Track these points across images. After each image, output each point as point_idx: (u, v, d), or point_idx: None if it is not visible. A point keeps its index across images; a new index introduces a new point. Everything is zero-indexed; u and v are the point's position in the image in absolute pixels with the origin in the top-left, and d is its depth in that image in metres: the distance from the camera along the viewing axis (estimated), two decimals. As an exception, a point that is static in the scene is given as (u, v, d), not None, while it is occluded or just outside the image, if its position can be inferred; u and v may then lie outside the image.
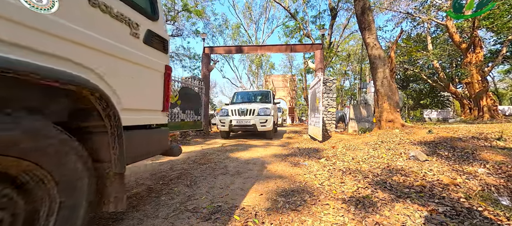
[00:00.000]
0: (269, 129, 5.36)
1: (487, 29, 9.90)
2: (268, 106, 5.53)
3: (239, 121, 5.36)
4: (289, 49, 8.29)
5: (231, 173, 2.29)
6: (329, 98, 5.83)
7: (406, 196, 1.58)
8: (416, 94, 16.27)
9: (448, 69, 14.53)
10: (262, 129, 5.30)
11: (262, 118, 5.28)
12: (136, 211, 1.39)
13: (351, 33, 19.28)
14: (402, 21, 12.57)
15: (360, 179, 1.99)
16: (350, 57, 23.73)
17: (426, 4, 10.99)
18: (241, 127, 5.43)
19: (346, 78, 29.39)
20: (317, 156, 3.12)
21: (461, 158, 2.33)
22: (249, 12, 23.69)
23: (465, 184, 1.76)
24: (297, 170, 2.39)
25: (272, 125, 5.38)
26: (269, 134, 5.58)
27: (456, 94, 12.04)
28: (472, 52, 9.36)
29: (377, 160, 2.59)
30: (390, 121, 4.54)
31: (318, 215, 1.33)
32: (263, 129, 5.30)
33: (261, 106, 5.46)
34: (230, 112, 5.55)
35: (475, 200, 1.48)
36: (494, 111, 8.62)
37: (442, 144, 2.85)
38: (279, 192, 1.72)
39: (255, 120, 5.25)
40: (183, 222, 1.26)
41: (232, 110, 5.57)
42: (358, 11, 5.20)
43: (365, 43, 5.16)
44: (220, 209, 1.41)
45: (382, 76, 4.81)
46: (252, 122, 5.26)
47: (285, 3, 15.04)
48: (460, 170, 2.04)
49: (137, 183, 1.99)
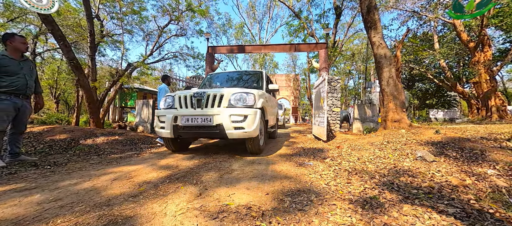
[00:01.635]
0: (251, 134, 2.81)
1: (496, 27, 9.70)
2: (252, 92, 3.02)
3: (191, 117, 2.87)
4: (293, 49, 8.26)
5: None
6: (333, 98, 5.80)
7: (414, 197, 1.56)
8: (422, 94, 16.05)
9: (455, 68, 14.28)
10: (236, 135, 2.78)
11: (236, 112, 2.80)
12: (144, 209, 1.39)
13: (355, 32, 19.10)
14: (408, 19, 12.39)
15: (367, 180, 1.98)
16: (354, 56, 23.51)
17: (433, 2, 10.81)
18: (195, 129, 2.90)
19: (350, 77, 29.14)
20: (322, 156, 3.11)
21: (469, 159, 2.29)
22: (252, 11, 23.68)
23: (474, 185, 1.73)
24: (302, 170, 2.39)
25: (257, 126, 2.85)
26: (254, 144, 3.04)
27: (464, 94, 11.83)
28: (480, 51, 9.19)
29: (383, 161, 2.57)
30: (396, 120, 4.49)
31: (325, 216, 1.33)
32: (238, 134, 2.77)
33: (236, 92, 2.98)
34: (177, 101, 3.08)
35: (485, 202, 1.45)
36: (503, 111, 8.45)
37: (450, 144, 2.80)
38: (285, 192, 1.72)
39: (222, 116, 2.78)
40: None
41: (180, 99, 3.07)
42: (363, 9, 5.15)
43: (371, 42, 5.11)
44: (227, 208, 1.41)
45: (388, 75, 4.76)
46: (215, 119, 2.79)
47: (289, 2, 14.97)
48: (469, 171, 2.00)
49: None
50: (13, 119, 2.67)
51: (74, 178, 2.11)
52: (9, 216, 1.31)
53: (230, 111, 2.80)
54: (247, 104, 2.93)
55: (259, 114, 2.94)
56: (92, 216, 1.30)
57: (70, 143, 4.03)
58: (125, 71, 9.70)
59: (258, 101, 3.09)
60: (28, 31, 12.23)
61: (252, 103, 2.97)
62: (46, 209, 1.40)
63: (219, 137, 2.97)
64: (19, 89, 2.65)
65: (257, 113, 2.91)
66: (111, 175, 2.20)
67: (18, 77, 2.64)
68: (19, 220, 1.26)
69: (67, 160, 2.97)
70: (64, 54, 5.34)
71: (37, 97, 3.06)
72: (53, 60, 16.48)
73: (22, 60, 2.73)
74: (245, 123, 2.78)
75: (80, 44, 12.06)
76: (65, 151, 3.64)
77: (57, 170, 2.47)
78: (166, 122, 2.98)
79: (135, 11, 11.07)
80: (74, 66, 5.31)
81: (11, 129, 2.76)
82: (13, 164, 2.65)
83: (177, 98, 3.11)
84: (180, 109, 3.02)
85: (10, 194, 1.68)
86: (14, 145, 2.78)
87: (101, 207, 1.43)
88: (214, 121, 2.81)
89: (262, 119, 3.27)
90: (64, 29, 10.11)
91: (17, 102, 2.65)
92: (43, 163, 2.75)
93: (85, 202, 1.51)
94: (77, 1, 11.11)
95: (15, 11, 10.26)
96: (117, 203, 1.50)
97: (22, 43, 2.69)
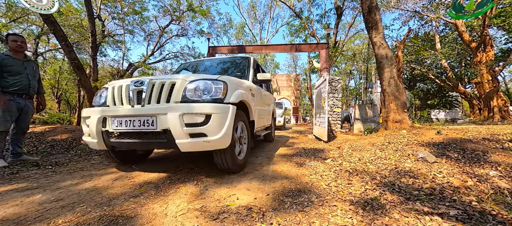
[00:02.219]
0: (217, 143, 1.83)
1: (498, 27, 9.65)
2: (222, 79, 2.02)
3: (125, 120, 1.89)
4: (294, 49, 8.26)
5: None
6: (334, 98, 5.79)
7: (415, 199, 1.55)
8: (423, 94, 16.00)
9: (457, 68, 14.22)
10: (193, 146, 1.78)
11: (192, 109, 1.76)
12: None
13: (356, 32, 19.09)
14: (409, 19, 12.37)
15: (368, 181, 1.97)
16: (355, 56, 23.48)
17: (435, 2, 10.78)
18: (131, 137, 1.92)
19: (352, 77, 29.10)
20: (323, 157, 3.10)
21: (471, 160, 2.28)
22: (253, 12, 23.70)
23: (476, 186, 1.73)
24: (303, 171, 2.38)
25: (227, 130, 1.86)
26: (225, 158, 2.04)
27: (465, 94, 11.78)
28: (482, 51, 9.14)
29: (384, 161, 2.56)
30: (397, 121, 4.48)
31: (326, 217, 1.33)
32: (196, 144, 1.78)
33: (197, 78, 1.97)
34: (110, 95, 2.08)
35: (487, 203, 1.45)
36: (505, 112, 8.40)
37: (451, 145, 2.79)
38: (286, 193, 1.72)
39: (171, 116, 1.73)
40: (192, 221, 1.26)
41: (113, 91, 2.06)
42: (365, 10, 5.14)
43: (372, 42, 5.09)
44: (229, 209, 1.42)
45: (389, 76, 4.74)
46: (160, 122, 1.78)
47: (290, 2, 14.96)
48: (471, 173, 1.99)
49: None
50: (15, 119, 2.69)
51: (75, 178, 2.12)
52: (11, 216, 1.32)
53: (183, 108, 1.73)
54: (213, 97, 1.90)
55: (232, 113, 1.93)
56: (93, 216, 1.31)
57: (72, 143, 4.05)
58: (126, 71, 9.74)
59: (232, 93, 2.08)
60: (30, 31, 12.31)
61: (221, 96, 1.93)
62: (48, 209, 1.41)
63: (168, 148, 2.00)
64: (22, 89, 2.67)
65: (229, 111, 1.91)
66: (112, 175, 2.21)
67: (21, 77, 2.66)
68: (21, 220, 1.27)
69: (69, 160, 2.98)
70: (66, 54, 5.36)
71: (39, 98, 3.08)
72: (55, 60, 16.58)
73: (25, 61, 2.76)
74: (208, 126, 1.74)
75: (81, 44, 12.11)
76: (67, 151, 3.66)
77: (58, 170, 2.48)
78: (91, 127, 1.97)
79: (137, 11, 11.10)
80: (75, 66, 5.34)
81: (13, 129, 2.78)
82: (15, 163, 2.67)
83: (110, 90, 2.07)
84: (112, 107, 2.00)
85: (12, 194, 1.69)
86: (16, 144, 2.80)
87: (102, 207, 1.44)
88: (158, 125, 1.77)
89: (242, 120, 2.35)
90: (66, 29, 10.16)
91: (20, 103, 2.67)
92: (45, 163, 2.77)
93: (86, 202, 1.52)
94: (79, 2, 11.16)
95: (17, 11, 10.33)
96: (118, 203, 1.50)
97: (12, 41, 2.68)
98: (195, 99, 1.88)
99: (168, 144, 1.84)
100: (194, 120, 1.77)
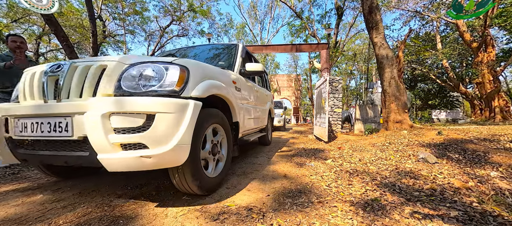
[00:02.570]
0: (166, 159, 1.19)
1: (500, 27, 9.62)
2: (178, 63, 1.38)
3: (31, 122, 1.28)
4: (295, 49, 8.26)
5: (237, 173, 2.30)
6: (335, 99, 5.78)
7: (416, 200, 1.55)
8: (424, 94, 15.97)
9: (458, 69, 14.19)
10: (124, 163, 1.12)
11: (124, 106, 1.12)
12: (145, 210, 1.40)
13: (357, 32, 19.07)
14: (410, 19, 12.35)
15: (368, 181, 1.97)
16: (356, 56, 23.45)
17: (435, 2, 10.76)
18: (41, 148, 1.30)
19: (352, 78, 29.07)
20: (323, 157, 3.10)
21: (472, 160, 2.28)
22: (254, 12, 23.70)
23: (477, 187, 1.72)
24: (303, 171, 2.38)
25: (183, 139, 1.23)
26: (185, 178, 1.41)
27: (466, 94, 11.75)
28: (484, 51, 9.12)
29: (385, 162, 2.55)
30: (397, 121, 4.47)
31: (326, 217, 1.32)
32: (129, 161, 1.12)
33: (139, 61, 1.31)
34: (21, 86, 1.45)
35: (488, 204, 1.44)
36: (506, 112, 8.37)
37: (452, 146, 2.78)
38: (286, 193, 1.72)
39: (89, 118, 1.10)
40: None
41: (25, 82, 1.43)
42: (365, 10, 5.13)
43: (373, 42, 5.09)
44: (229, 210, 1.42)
45: (390, 76, 4.74)
46: (77, 125, 1.16)
47: (291, 2, 14.97)
48: (472, 173, 1.99)
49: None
50: None
51: (77, 179, 2.13)
52: (12, 215, 1.33)
53: (107, 104, 1.13)
54: (164, 88, 1.28)
55: (193, 112, 1.31)
56: (94, 217, 1.31)
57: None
58: (127, 72, 9.76)
59: (196, 84, 1.46)
60: (32, 31, 12.36)
61: (176, 87, 1.31)
62: (49, 209, 1.42)
63: (94, 165, 1.18)
64: None
65: (188, 110, 1.30)
66: (112, 175, 2.21)
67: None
68: (22, 220, 1.28)
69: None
70: (67, 54, 5.38)
71: None
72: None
73: (27, 62, 2.77)
74: (149, 132, 1.15)
75: (82, 44, 12.16)
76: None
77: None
78: None
79: (137, 11, 11.13)
80: (76, 67, 5.34)
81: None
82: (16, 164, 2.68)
83: (22, 79, 1.50)
84: (22, 102, 1.44)
85: (13, 194, 1.70)
86: None
87: (102, 207, 1.44)
88: (74, 130, 1.19)
89: (217, 122, 1.74)
90: (67, 29, 10.20)
91: None
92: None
93: (87, 202, 1.52)
94: (80, 2, 11.20)
95: (19, 12, 10.37)
96: (118, 203, 1.51)
97: (12, 41, 2.72)
98: (134, 91, 1.24)
99: (92, 159, 1.16)
100: (128, 123, 1.14)
